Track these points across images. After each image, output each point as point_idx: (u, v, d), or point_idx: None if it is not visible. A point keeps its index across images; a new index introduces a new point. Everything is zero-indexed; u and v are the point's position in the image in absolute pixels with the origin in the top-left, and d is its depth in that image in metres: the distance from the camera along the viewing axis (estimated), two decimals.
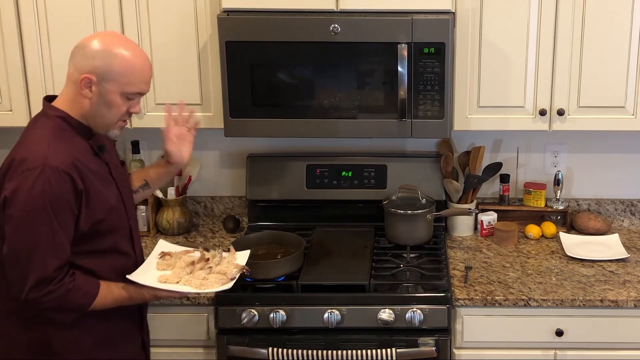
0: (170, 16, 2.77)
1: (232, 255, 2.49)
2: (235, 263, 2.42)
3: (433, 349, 2.61)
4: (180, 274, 2.32)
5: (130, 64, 2.12)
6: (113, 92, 2.12)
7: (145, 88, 2.19)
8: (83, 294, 2.14)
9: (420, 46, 2.66)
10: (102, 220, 2.18)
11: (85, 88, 2.11)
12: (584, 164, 3.25)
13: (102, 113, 2.15)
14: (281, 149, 3.25)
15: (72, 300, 2.12)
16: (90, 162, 2.17)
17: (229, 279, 2.33)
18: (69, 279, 2.11)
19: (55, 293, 2.08)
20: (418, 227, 2.96)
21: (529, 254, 3.00)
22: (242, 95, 2.74)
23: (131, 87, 2.14)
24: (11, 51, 2.81)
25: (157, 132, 3.13)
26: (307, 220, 3.17)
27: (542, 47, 2.77)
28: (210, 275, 2.33)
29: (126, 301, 2.25)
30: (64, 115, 2.16)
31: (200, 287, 2.28)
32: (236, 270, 2.37)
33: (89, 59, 2.10)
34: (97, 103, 2.13)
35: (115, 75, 2.10)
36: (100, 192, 2.18)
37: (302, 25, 2.66)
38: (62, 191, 2.06)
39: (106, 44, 2.11)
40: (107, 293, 2.19)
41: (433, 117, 2.73)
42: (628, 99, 2.82)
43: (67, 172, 2.07)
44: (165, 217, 3.16)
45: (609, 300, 2.64)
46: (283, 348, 2.59)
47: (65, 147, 2.11)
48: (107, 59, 2.09)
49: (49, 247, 2.06)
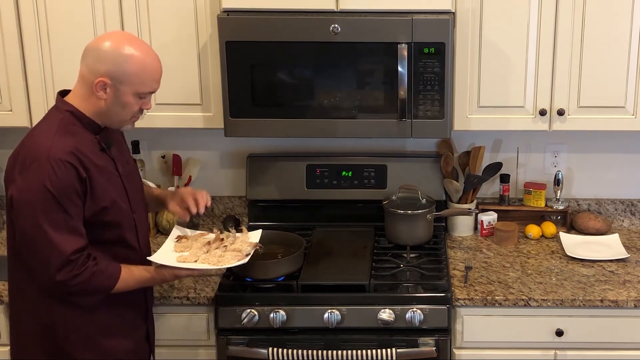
0: (170, 16, 2.77)
1: (245, 234, 2.59)
2: (249, 242, 2.52)
3: (433, 349, 2.61)
4: (198, 254, 2.43)
5: (144, 65, 2.18)
6: (127, 93, 2.18)
7: (157, 87, 2.26)
8: (107, 276, 2.22)
9: (420, 46, 2.66)
10: (105, 210, 2.23)
11: (100, 91, 2.16)
12: (584, 164, 3.25)
13: (117, 112, 2.22)
14: (281, 149, 3.25)
15: (97, 282, 2.20)
16: (95, 156, 2.22)
17: (244, 255, 2.44)
18: (92, 262, 2.19)
19: (81, 276, 2.16)
20: (418, 227, 2.96)
21: (529, 254, 3.00)
22: (242, 95, 2.74)
23: (144, 87, 2.21)
24: (11, 51, 2.81)
25: (157, 132, 3.14)
26: (307, 220, 3.17)
27: (542, 47, 2.77)
28: (226, 253, 2.45)
29: (148, 282, 2.35)
30: (74, 110, 2.21)
31: (218, 263, 2.39)
32: (250, 248, 2.48)
33: (103, 62, 2.14)
34: (111, 104, 2.19)
35: (130, 77, 2.16)
36: (102, 184, 2.22)
37: (302, 25, 2.66)
38: (67, 179, 2.12)
39: (119, 47, 2.16)
40: (129, 275, 2.27)
41: (433, 117, 2.73)
42: (628, 99, 2.82)
43: (69, 161, 2.13)
44: (165, 217, 3.16)
45: (609, 300, 2.64)
46: (283, 348, 2.59)
47: (68, 139, 2.16)
48: (121, 62, 2.14)
49: (64, 233, 2.13)
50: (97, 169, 2.21)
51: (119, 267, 2.26)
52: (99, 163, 2.23)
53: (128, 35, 2.27)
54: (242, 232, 2.60)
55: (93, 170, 2.19)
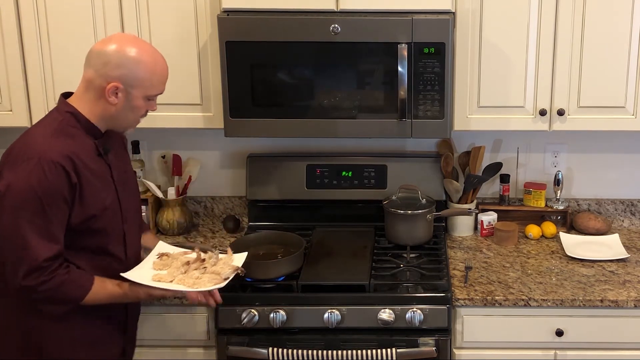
0: (170, 16, 2.77)
1: (229, 256, 2.49)
2: (231, 264, 2.43)
3: (433, 349, 2.61)
4: (175, 274, 2.34)
5: (154, 69, 2.19)
6: (138, 97, 2.19)
7: (164, 88, 2.27)
8: (77, 286, 2.17)
9: (420, 46, 2.66)
10: (94, 217, 2.20)
11: (112, 96, 2.16)
12: (584, 164, 3.25)
13: (126, 116, 2.22)
14: (281, 149, 3.25)
15: (65, 292, 2.15)
16: (91, 160, 2.20)
17: (222, 278, 2.35)
18: (63, 271, 2.14)
19: (48, 283, 2.11)
20: (418, 227, 2.96)
21: (529, 254, 3.00)
22: (242, 95, 2.74)
23: (154, 90, 2.22)
24: (11, 51, 2.81)
25: (157, 132, 3.14)
26: (307, 220, 3.17)
27: (542, 47, 2.77)
28: (204, 275, 2.35)
29: (120, 298, 2.27)
30: (75, 111, 2.19)
31: (193, 286, 2.29)
32: (231, 271, 2.38)
33: (115, 67, 2.14)
34: (122, 108, 2.19)
35: (142, 81, 2.17)
36: (95, 189, 2.20)
37: (302, 25, 2.66)
38: (56, 183, 2.09)
39: (129, 51, 2.15)
40: (101, 288, 2.21)
41: (433, 117, 2.73)
42: (628, 99, 2.82)
43: (61, 164, 2.10)
44: (165, 217, 3.16)
45: (609, 300, 2.64)
46: (283, 348, 2.59)
47: (64, 141, 2.14)
48: (133, 66, 2.14)
49: (41, 237, 2.09)
50: (91, 173, 2.18)
51: (92, 279, 2.20)
52: (94, 167, 2.21)
53: (132, 37, 2.25)
54: (227, 254, 2.50)
55: (87, 175, 2.16)
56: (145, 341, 2.67)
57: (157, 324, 2.69)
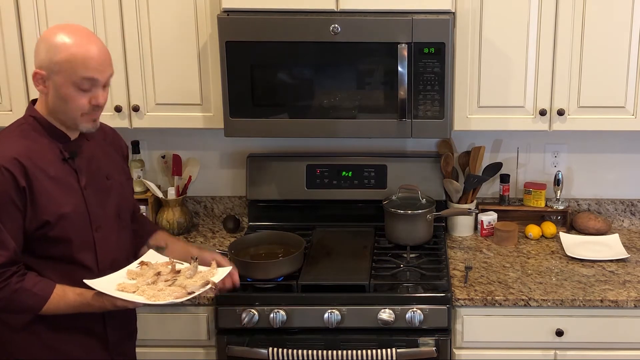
0: (170, 16, 2.77)
1: (211, 270, 2.30)
2: (207, 279, 2.24)
3: (433, 349, 2.61)
4: (140, 284, 2.17)
5: (74, 52, 2.03)
6: (64, 84, 2.05)
7: (95, 75, 2.07)
8: (32, 295, 2.06)
9: (420, 46, 2.66)
10: (48, 224, 2.08)
11: (39, 84, 2.08)
12: (584, 164, 3.25)
13: (62, 108, 2.09)
14: (281, 149, 3.25)
15: (19, 300, 2.05)
16: (51, 164, 2.10)
17: (186, 293, 2.15)
18: (17, 279, 2.04)
19: (0, 292, 2.02)
20: (418, 227, 2.96)
21: (529, 254, 3.00)
22: (242, 95, 2.74)
23: (76, 75, 2.04)
24: (11, 51, 2.81)
25: (157, 132, 3.14)
26: (307, 220, 3.17)
27: (542, 47, 2.77)
28: (168, 288, 2.17)
29: (83, 307, 2.12)
30: (36, 115, 2.13)
31: (151, 298, 2.12)
32: (199, 286, 2.19)
33: (37, 53, 2.07)
34: (53, 97, 2.08)
35: (60, 66, 2.03)
36: (50, 195, 2.08)
37: (302, 25, 2.66)
38: (3, 187, 2.01)
39: (49, 36, 2.06)
40: (61, 297, 2.09)
41: (433, 117, 2.73)
42: (628, 99, 2.82)
43: (7, 167, 2.01)
44: (165, 217, 3.16)
45: (609, 300, 2.64)
46: (283, 348, 2.59)
47: (18, 144, 2.07)
48: (52, 51, 2.03)
49: None
50: (48, 178, 2.07)
51: (51, 288, 2.08)
52: (53, 173, 2.09)
53: (70, 25, 2.12)
54: (210, 267, 2.31)
55: (41, 180, 2.06)
56: (145, 341, 2.66)
57: (157, 324, 2.69)
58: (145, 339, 2.66)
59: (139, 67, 2.82)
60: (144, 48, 2.80)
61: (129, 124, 2.88)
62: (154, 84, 2.83)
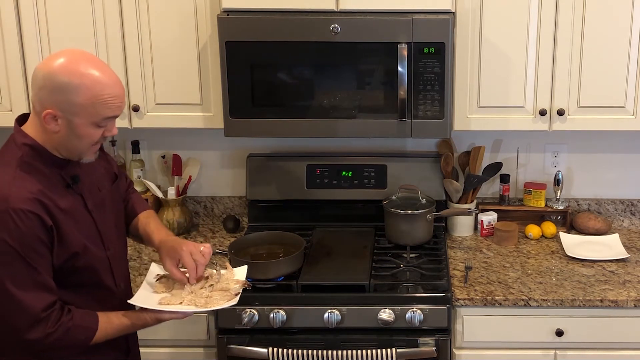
0: (170, 16, 2.77)
1: (230, 271, 2.39)
2: (235, 279, 2.34)
3: (433, 349, 2.61)
4: (182, 295, 2.23)
5: (98, 96, 1.92)
6: (84, 125, 1.95)
7: (117, 112, 1.99)
8: (84, 329, 2.05)
9: (420, 46, 2.66)
10: (76, 255, 2.05)
11: (50, 123, 1.94)
12: (584, 164, 3.25)
13: (74, 144, 1.99)
14: (281, 149, 3.25)
15: (73, 338, 2.03)
16: (60, 197, 2.01)
17: (233, 294, 2.25)
18: (66, 318, 2.01)
19: (55, 334, 1.98)
20: (418, 227, 2.96)
21: (529, 254, 3.00)
22: (242, 95, 2.74)
23: (99, 116, 1.95)
24: (11, 51, 2.81)
25: (157, 132, 3.15)
26: (307, 220, 3.17)
27: (542, 47, 2.77)
28: (213, 293, 2.25)
29: (129, 329, 2.16)
30: (34, 143, 1.99)
31: (206, 305, 2.20)
32: (239, 286, 2.29)
33: (50, 92, 1.91)
34: (66, 135, 1.96)
35: (83, 109, 1.92)
36: (71, 228, 2.03)
37: (302, 25, 2.66)
38: (31, 230, 1.92)
39: (67, 73, 1.91)
40: (107, 324, 2.09)
41: (433, 117, 2.73)
42: (628, 99, 2.82)
43: (32, 210, 1.92)
44: (165, 217, 3.16)
45: (609, 300, 2.64)
46: (283, 348, 2.59)
47: (30, 182, 1.95)
48: (70, 92, 1.90)
49: (31, 290, 1.94)
50: (63, 213, 2.00)
51: (96, 318, 2.07)
52: (65, 206, 2.01)
53: (80, 56, 1.97)
54: (227, 269, 2.39)
55: (59, 215, 1.98)
56: (145, 341, 2.66)
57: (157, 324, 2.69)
58: (146, 339, 2.65)
59: (139, 67, 2.82)
60: (144, 48, 2.80)
61: (128, 124, 2.88)
62: (154, 84, 2.83)
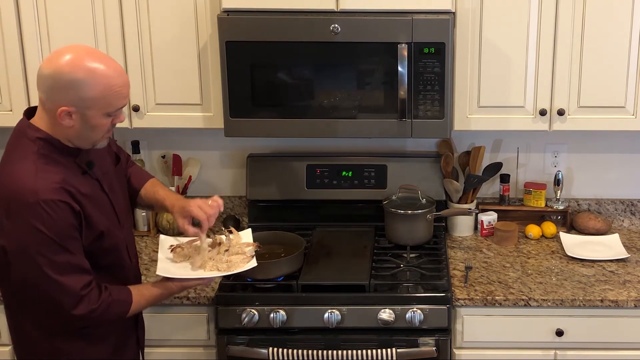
0: (170, 16, 2.77)
1: (237, 235, 2.51)
2: (245, 242, 2.46)
3: (433, 349, 2.61)
4: (201, 261, 2.36)
5: (107, 85, 2.01)
6: (97, 116, 2.04)
7: (126, 101, 2.10)
8: (121, 303, 2.19)
9: (420, 46, 2.66)
10: (101, 236, 2.16)
11: (65, 119, 2.02)
12: (584, 164, 3.25)
13: (88, 135, 2.09)
14: (281, 149, 3.25)
15: (113, 311, 2.17)
16: (80, 183, 2.11)
17: (250, 256, 2.39)
18: (106, 294, 2.14)
19: (98, 310, 2.12)
20: (418, 227, 2.96)
21: (529, 254, 3.00)
22: (242, 95, 2.74)
23: (111, 107, 2.06)
24: (11, 51, 2.81)
25: (157, 132, 3.15)
26: (307, 220, 3.17)
27: (542, 47, 2.77)
28: (231, 257, 2.38)
29: (158, 299, 2.30)
30: (46, 136, 2.07)
31: (229, 269, 2.34)
32: (251, 248, 2.42)
33: (62, 90, 1.99)
34: (80, 128, 2.06)
35: (96, 102, 2.01)
36: (94, 212, 2.13)
37: (302, 25, 2.66)
38: (63, 218, 2.03)
39: (76, 70, 1.98)
40: (140, 296, 2.24)
41: (433, 117, 2.73)
42: (628, 99, 2.82)
43: (61, 199, 2.02)
44: (165, 217, 3.16)
45: (609, 300, 2.64)
46: (283, 348, 2.59)
47: (52, 173, 2.04)
48: (82, 88, 1.98)
49: (69, 272, 2.06)
50: (86, 197, 2.10)
51: (130, 292, 2.22)
52: (86, 191, 2.11)
53: (83, 51, 2.04)
54: (233, 234, 2.50)
55: (83, 200, 2.09)
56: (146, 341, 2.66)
57: (157, 324, 2.69)
58: (146, 339, 2.66)
59: (139, 67, 2.82)
60: (144, 48, 2.80)
61: (129, 124, 2.88)
62: (154, 84, 2.83)
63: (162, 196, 2.49)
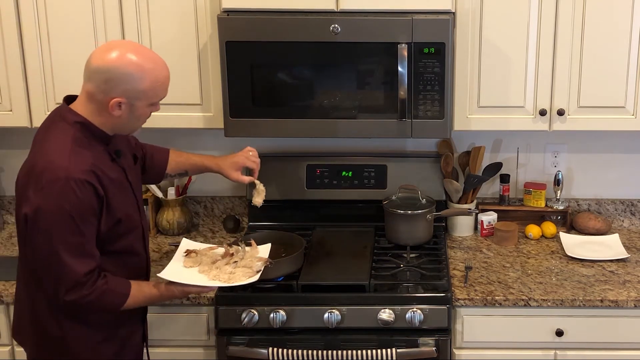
0: (170, 16, 2.77)
1: (255, 249, 2.58)
2: (258, 257, 2.51)
3: (433, 349, 2.61)
4: (207, 270, 2.42)
5: (156, 78, 2.17)
6: (142, 106, 2.19)
7: (167, 93, 2.27)
8: (117, 294, 2.22)
9: (420, 46, 2.66)
10: (119, 222, 2.23)
11: (115, 109, 2.15)
12: (584, 164, 3.25)
13: (132, 124, 2.25)
14: (281, 149, 3.25)
15: (106, 301, 2.20)
16: (108, 168, 2.21)
17: (255, 272, 2.42)
18: (102, 281, 2.17)
19: (90, 296, 2.15)
20: (418, 227, 2.96)
21: (529, 254, 3.00)
22: (242, 95, 2.74)
23: (157, 97, 2.22)
24: (11, 51, 2.81)
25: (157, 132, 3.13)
26: (307, 220, 3.17)
27: (542, 47, 2.77)
28: (236, 269, 2.43)
29: (157, 299, 2.34)
30: (85, 121, 2.18)
31: (229, 281, 2.37)
32: (261, 264, 2.46)
33: (117, 83, 2.12)
34: (127, 118, 2.19)
35: (144, 93, 2.16)
36: (117, 197, 2.22)
37: (302, 25, 2.66)
38: (87, 200, 2.11)
39: (131, 65, 2.12)
40: (138, 292, 2.27)
41: (433, 117, 2.73)
42: (628, 99, 2.82)
43: (89, 181, 2.11)
44: (165, 217, 3.16)
45: (609, 300, 2.64)
46: (283, 348, 2.59)
47: (85, 156, 2.14)
48: (136, 81, 2.13)
49: (77, 256, 2.12)
50: (112, 183, 2.20)
51: (129, 285, 2.25)
52: (113, 176, 2.22)
53: (131, 47, 2.18)
54: (252, 247, 2.60)
55: (109, 185, 2.18)
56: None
57: (157, 324, 2.69)
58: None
59: None
60: None
61: None
62: None
63: (199, 159, 2.75)
